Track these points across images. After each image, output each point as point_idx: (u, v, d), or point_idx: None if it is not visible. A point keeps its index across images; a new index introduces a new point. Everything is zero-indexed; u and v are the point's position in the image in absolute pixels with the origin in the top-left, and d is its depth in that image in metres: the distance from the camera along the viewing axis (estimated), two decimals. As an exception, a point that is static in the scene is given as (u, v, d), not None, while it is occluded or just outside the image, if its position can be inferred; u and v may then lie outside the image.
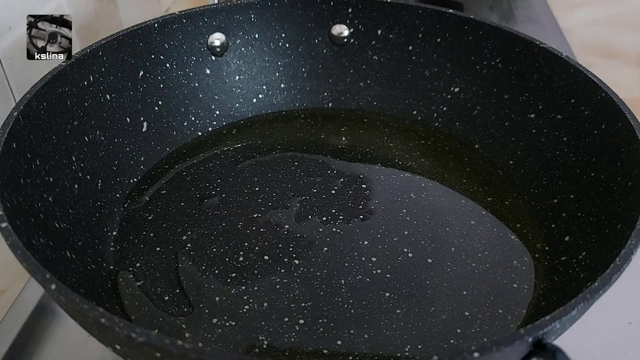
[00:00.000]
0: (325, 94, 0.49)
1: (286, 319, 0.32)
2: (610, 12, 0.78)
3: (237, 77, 0.48)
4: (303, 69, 0.49)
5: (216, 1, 0.60)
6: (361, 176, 0.42)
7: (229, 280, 0.34)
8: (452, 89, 0.46)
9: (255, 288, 0.33)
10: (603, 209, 0.33)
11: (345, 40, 0.48)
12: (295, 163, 0.43)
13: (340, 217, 0.38)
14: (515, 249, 0.36)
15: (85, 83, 0.38)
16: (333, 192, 0.41)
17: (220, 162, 0.43)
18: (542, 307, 0.32)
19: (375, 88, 0.49)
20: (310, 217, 0.38)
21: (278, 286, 0.33)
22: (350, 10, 0.47)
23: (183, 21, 0.44)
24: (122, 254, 0.36)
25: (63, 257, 0.30)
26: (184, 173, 0.42)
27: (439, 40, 0.46)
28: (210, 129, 0.47)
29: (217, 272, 0.34)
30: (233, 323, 0.31)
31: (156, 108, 0.43)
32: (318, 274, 0.34)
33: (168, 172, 0.42)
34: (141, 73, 0.42)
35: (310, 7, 0.47)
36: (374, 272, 0.34)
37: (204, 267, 0.35)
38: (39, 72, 0.35)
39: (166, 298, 0.33)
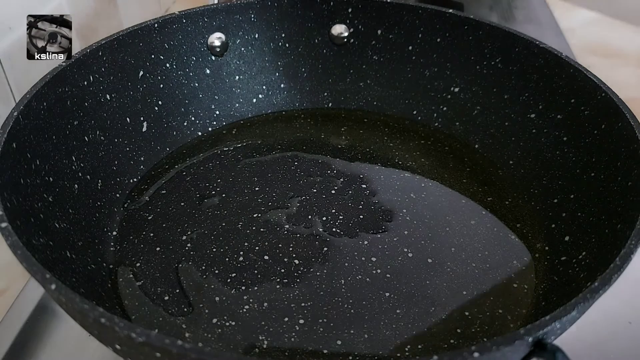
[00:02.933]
0: (325, 94, 0.49)
1: (286, 319, 0.32)
2: (610, 12, 0.78)
3: (237, 77, 0.48)
4: (303, 69, 0.49)
5: (216, 1, 0.60)
6: (361, 176, 0.42)
7: (229, 280, 0.34)
8: (452, 89, 0.46)
9: (255, 288, 0.33)
10: (603, 209, 0.33)
11: (345, 40, 0.48)
12: (295, 163, 0.43)
13: (340, 217, 0.38)
14: (515, 249, 0.36)
15: (85, 83, 0.38)
16: (333, 192, 0.40)
17: (220, 162, 0.43)
18: (542, 307, 0.32)
19: (375, 88, 0.49)
20: (310, 217, 0.38)
21: (278, 286, 0.33)
22: (350, 10, 0.47)
23: (183, 21, 0.44)
24: (122, 254, 0.36)
25: (63, 257, 0.30)
26: (184, 173, 0.42)
27: (439, 40, 0.46)
28: (210, 129, 0.47)
29: (217, 272, 0.34)
30: (233, 323, 0.31)
31: (156, 108, 0.43)
32: (318, 273, 0.34)
33: (168, 172, 0.42)
34: (141, 73, 0.42)
35: (310, 7, 0.47)
36: (374, 272, 0.34)
37: (204, 267, 0.35)
38: (39, 72, 0.35)
39: (166, 298, 0.33)
